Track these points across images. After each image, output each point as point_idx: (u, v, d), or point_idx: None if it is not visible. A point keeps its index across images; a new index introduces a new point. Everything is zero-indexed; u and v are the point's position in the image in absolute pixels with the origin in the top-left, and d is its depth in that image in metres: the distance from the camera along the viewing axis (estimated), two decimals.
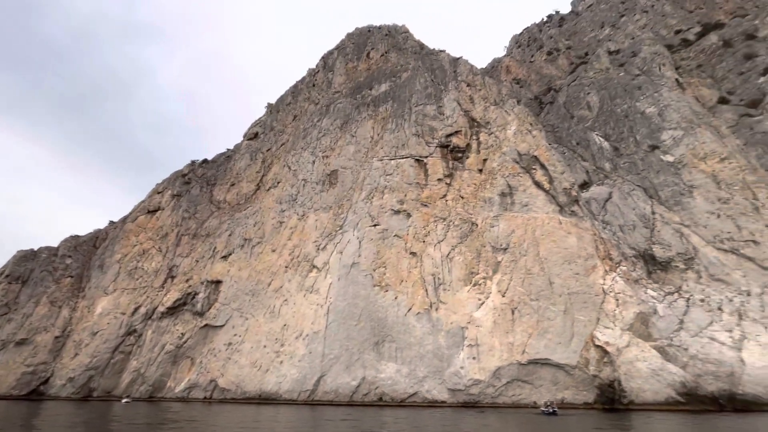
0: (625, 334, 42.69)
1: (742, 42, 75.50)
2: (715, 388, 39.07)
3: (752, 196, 50.52)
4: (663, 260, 50.58)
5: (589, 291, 46.93)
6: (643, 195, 56.86)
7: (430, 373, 49.24)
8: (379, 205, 66.31)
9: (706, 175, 54.14)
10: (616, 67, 79.28)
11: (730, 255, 47.88)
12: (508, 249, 53.86)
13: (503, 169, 61.77)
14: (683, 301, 46.02)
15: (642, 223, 54.13)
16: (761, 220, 48.71)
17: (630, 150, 63.21)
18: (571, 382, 43.12)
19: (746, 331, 41.93)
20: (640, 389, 39.06)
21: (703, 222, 51.15)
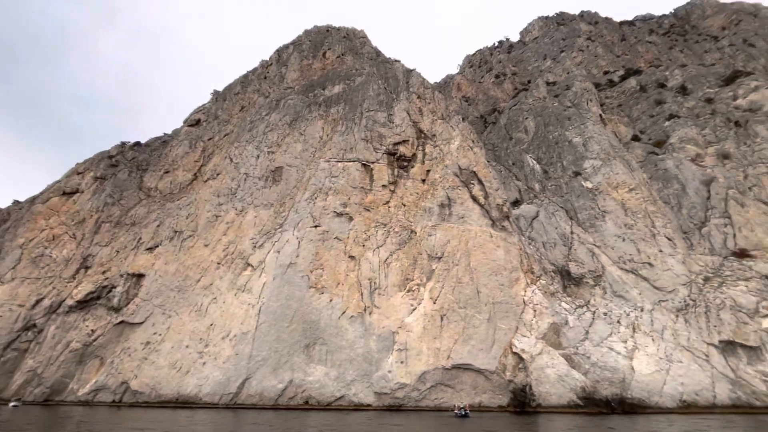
0: (539, 342, 46.42)
1: (655, 89, 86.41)
2: (609, 392, 43.76)
3: (651, 224, 57.73)
4: (576, 276, 55.89)
5: (512, 301, 50.43)
6: (564, 216, 62.47)
7: (359, 376, 49.58)
8: (322, 206, 65.82)
9: (616, 203, 60.91)
10: (551, 97, 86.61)
11: (630, 275, 54.23)
12: (443, 258, 56.16)
13: (444, 181, 64.44)
14: (590, 314, 51.15)
15: (562, 242, 59.41)
16: (656, 245, 55.81)
17: (557, 174, 69.21)
18: (489, 386, 45.87)
19: (638, 343, 47.63)
20: (547, 393, 42.62)
21: (611, 244, 57.44)
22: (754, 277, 50.97)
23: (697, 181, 63.25)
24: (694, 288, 50.88)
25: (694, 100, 78.85)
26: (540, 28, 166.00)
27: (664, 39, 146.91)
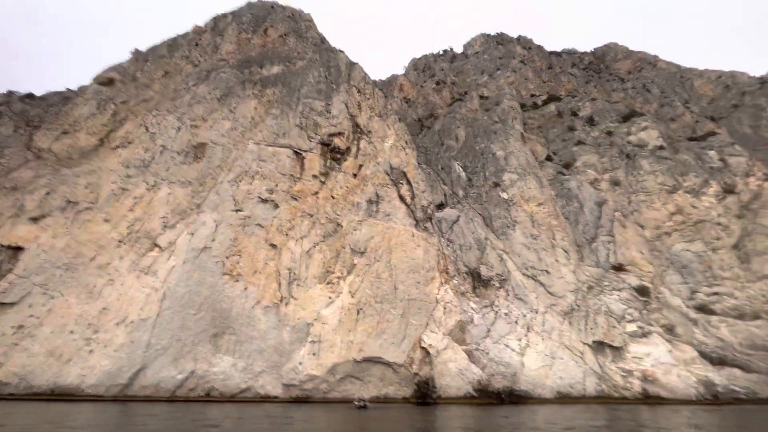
0: (446, 338, 49.50)
1: (569, 116, 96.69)
2: (501, 385, 48.27)
3: (552, 236, 64.66)
4: (486, 278, 60.55)
5: (425, 299, 53.02)
6: (481, 222, 67.22)
7: (268, 368, 48.39)
8: (247, 190, 62.75)
9: (526, 214, 67.13)
10: (483, 111, 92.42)
11: (530, 280, 60.25)
12: (365, 253, 57.00)
13: (375, 178, 65.35)
14: (493, 314, 55.81)
15: (476, 246, 63.88)
16: (555, 255, 62.69)
17: (480, 183, 74.16)
18: (396, 379, 47.79)
19: (530, 341, 53.15)
20: (447, 386, 45.69)
21: (518, 251, 63.22)
22: (625, 288, 59.89)
23: (593, 202, 72.29)
24: (580, 295, 58.26)
25: (598, 131, 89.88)
26: (481, 44, 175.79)
27: (583, 73, 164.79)
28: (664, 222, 71.53)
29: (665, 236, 70.24)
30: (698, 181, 75.31)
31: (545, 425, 24.19)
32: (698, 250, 67.28)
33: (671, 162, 79.11)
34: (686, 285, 64.21)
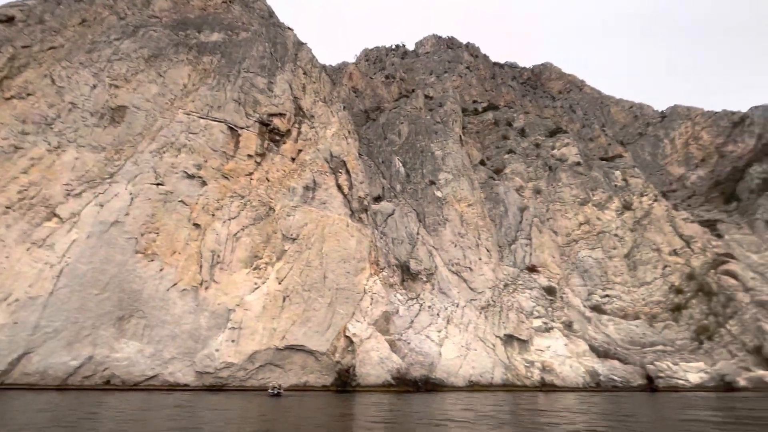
0: (370, 328, 50.52)
1: (504, 126, 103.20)
2: (419, 374, 50.59)
3: (478, 236, 68.90)
4: (414, 272, 62.77)
5: (354, 289, 53.51)
6: (415, 218, 69.37)
7: (180, 354, 45.47)
8: (171, 163, 57.81)
9: (457, 214, 70.66)
10: (426, 110, 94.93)
11: (455, 276, 63.74)
12: (297, 240, 55.83)
13: (314, 164, 64.05)
14: (418, 306, 58.14)
15: (408, 240, 65.86)
16: (478, 254, 66.90)
17: (417, 179, 76.33)
18: (318, 367, 47.78)
19: (449, 333, 56.33)
20: (367, 374, 46.76)
21: (446, 248, 66.42)
22: (536, 287, 66.02)
23: (516, 207, 78.30)
24: (497, 291, 63.03)
25: (528, 142, 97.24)
26: (432, 45, 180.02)
27: (521, 87, 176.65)
28: (574, 230, 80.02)
29: (573, 243, 78.63)
30: (604, 197, 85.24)
31: (460, 412, 25.96)
32: (598, 257, 76.39)
33: (585, 177, 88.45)
34: (585, 287, 72.70)
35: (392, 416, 23.04)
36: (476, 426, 17.99)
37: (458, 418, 21.23)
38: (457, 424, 18.88)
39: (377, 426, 18.69)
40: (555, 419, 20.93)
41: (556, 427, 17.51)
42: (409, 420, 20.43)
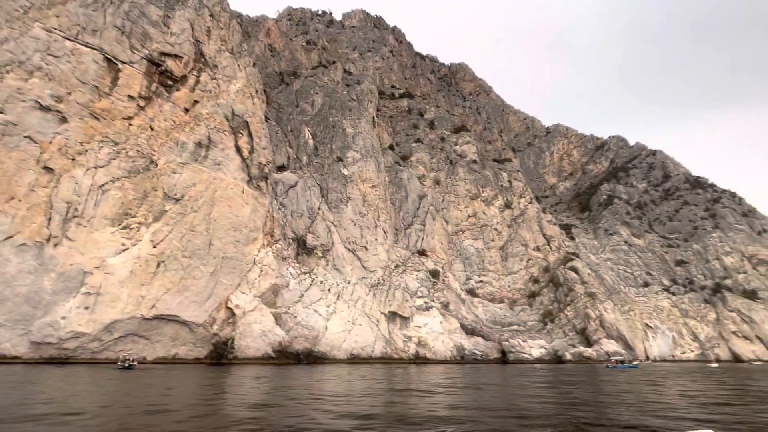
0: (256, 300, 48.71)
1: (416, 115, 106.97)
2: (302, 347, 50.86)
3: (378, 217, 71.05)
4: (311, 247, 62.11)
5: (242, 259, 50.72)
6: (318, 193, 68.25)
7: (12, 321, 37.82)
8: (17, 88, 46.35)
9: (360, 193, 71.58)
10: (344, 85, 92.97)
11: (350, 254, 64.98)
12: (181, 201, 50.30)
13: (211, 119, 57.88)
14: (309, 281, 57.90)
15: (308, 215, 64.65)
16: (376, 235, 69.11)
17: (325, 154, 74.87)
18: (191, 338, 44.49)
19: (337, 308, 57.52)
20: (247, 347, 45.23)
21: (345, 226, 67.07)
22: (423, 270, 71.23)
23: (416, 194, 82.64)
24: (387, 271, 66.31)
25: (435, 135, 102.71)
26: (360, 21, 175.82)
27: (438, 81, 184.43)
28: (462, 221, 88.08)
29: (460, 233, 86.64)
30: (491, 194, 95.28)
31: (341, 381, 26.63)
32: (479, 247, 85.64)
33: (479, 175, 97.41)
34: (465, 273, 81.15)
35: (274, 387, 22.65)
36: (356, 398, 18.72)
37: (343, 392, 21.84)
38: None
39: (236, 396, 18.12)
40: (435, 383, 23.05)
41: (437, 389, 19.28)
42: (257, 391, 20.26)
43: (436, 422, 11.11)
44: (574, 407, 14.78)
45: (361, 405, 14.64)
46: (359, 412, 12.84)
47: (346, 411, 12.96)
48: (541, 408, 14.75)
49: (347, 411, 12.96)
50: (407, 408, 14.27)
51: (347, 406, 14.43)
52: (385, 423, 10.86)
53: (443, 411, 13.77)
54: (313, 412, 12.64)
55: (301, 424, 10.53)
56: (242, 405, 14.94)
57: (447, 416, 12.41)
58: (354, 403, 15.45)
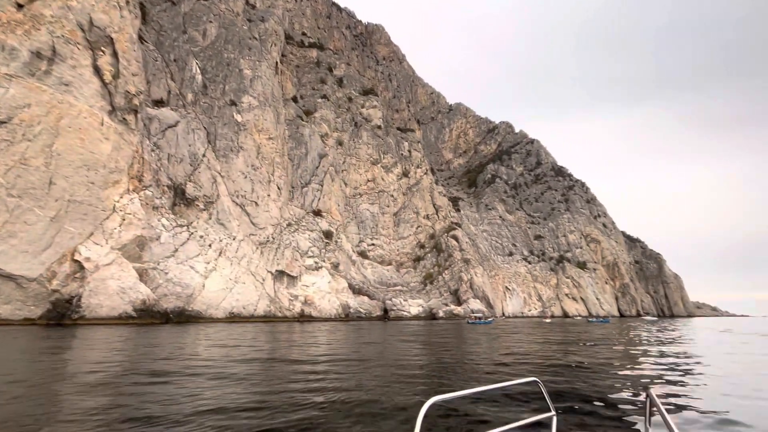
0: (113, 253, 42.03)
1: (325, 69, 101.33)
2: (173, 305, 46.31)
3: (272, 172, 66.83)
4: (190, 197, 55.59)
5: (97, 204, 42.77)
6: (204, 137, 60.63)
7: None
8: None
9: (254, 144, 65.95)
10: (245, 19, 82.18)
11: (238, 208, 60.31)
12: (9, 124, 39.33)
13: (59, 25, 45.48)
14: (186, 235, 52.20)
15: (190, 161, 57.25)
16: (268, 190, 65.18)
17: (216, 95, 66.25)
18: (20, 296, 36.61)
19: (218, 265, 53.46)
20: (98, 305, 39.18)
21: (234, 177, 61.55)
22: (316, 230, 70.40)
23: (317, 152, 79.81)
24: (278, 229, 63.72)
25: (343, 94, 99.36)
26: None
27: (353, 39, 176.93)
28: (361, 185, 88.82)
29: (358, 196, 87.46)
30: (391, 162, 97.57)
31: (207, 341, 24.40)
32: (375, 211, 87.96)
33: (381, 141, 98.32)
34: (358, 235, 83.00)
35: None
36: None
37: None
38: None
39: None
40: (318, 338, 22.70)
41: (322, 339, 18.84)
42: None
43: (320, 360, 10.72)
44: (431, 352, 16.07)
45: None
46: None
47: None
48: (410, 352, 15.68)
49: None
50: (301, 350, 13.65)
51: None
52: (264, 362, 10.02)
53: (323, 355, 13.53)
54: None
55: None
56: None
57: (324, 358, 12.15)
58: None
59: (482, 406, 6.82)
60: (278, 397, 7.57)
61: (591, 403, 7.13)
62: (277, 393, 8.04)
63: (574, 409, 6.65)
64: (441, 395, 1.62)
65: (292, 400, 7.36)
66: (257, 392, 8.11)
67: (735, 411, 6.53)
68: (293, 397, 7.65)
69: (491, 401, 7.23)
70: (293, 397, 7.58)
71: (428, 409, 1.67)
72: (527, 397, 7.44)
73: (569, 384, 9.05)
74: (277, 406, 6.80)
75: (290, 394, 7.88)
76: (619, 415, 6.29)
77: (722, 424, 5.85)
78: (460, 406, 6.75)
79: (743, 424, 5.80)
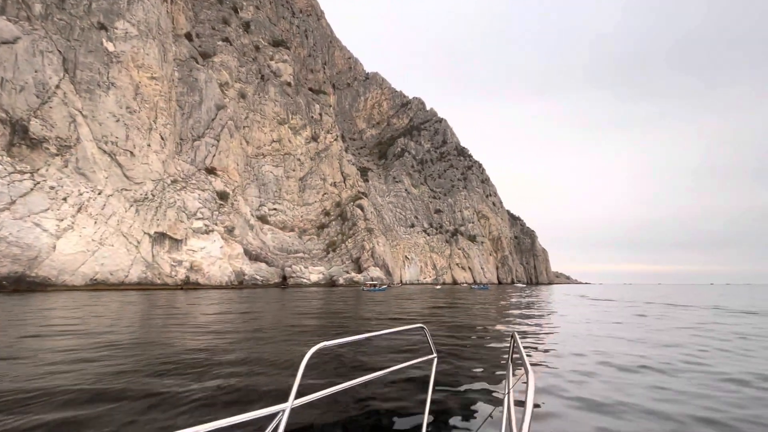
0: None
1: (229, 8, 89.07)
2: (8, 270, 37.49)
3: (155, 118, 57.31)
4: (37, 138, 44.54)
5: None
6: (58, 65, 48.49)
7: None
8: None
9: (131, 82, 55.29)
10: None
11: (107, 157, 50.60)
12: None
13: None
14: (31, 183, 42.09)
15: (36, 90, 45.45)
16: (148, 139, 55.93)
17: (77, 12, 52.99)
18: None
19: (77, 223, 44.62)
20: None
21: (102, 120, 51.11)
22: (209, 190, 63.48)
23: (214, 102, 70.82)
24: (160, 186, 55.56)
25: (249, 40, 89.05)
26: None
27: None
28: (265, 145, 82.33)
29: (261, 156, 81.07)
30: (300, 123, 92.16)
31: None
32: (279, 174, 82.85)
33: (290, 100, 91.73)
34: (259, 198, 77.58)
35: None
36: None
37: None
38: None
39: None
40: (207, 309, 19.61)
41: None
42: None
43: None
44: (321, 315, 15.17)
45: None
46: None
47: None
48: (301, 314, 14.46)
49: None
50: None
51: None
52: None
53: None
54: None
55: None
56: None
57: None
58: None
59: (372, 354, 7.11)
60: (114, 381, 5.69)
61: (467, 347, 8.08)
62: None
63: (453, 353, 7.38)
64: (328, 341, 1.55)
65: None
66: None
67: (574, 347, 8.56)
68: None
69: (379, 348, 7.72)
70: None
71: (315, 356, 1.39)
72: (415, 345, 8.12)
73: (451, 332, 10.42)
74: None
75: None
76: (490, 356, 7.21)
77: (560, 354, 7.61)
78: (352, 354, 6.97)
79: (581, 355, 7.60)
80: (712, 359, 7.42)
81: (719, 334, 11.10)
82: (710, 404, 4.67)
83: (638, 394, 4.97)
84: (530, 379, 1.08)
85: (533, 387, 1.01)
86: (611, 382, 5.56)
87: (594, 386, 5.29)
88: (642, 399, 4.76)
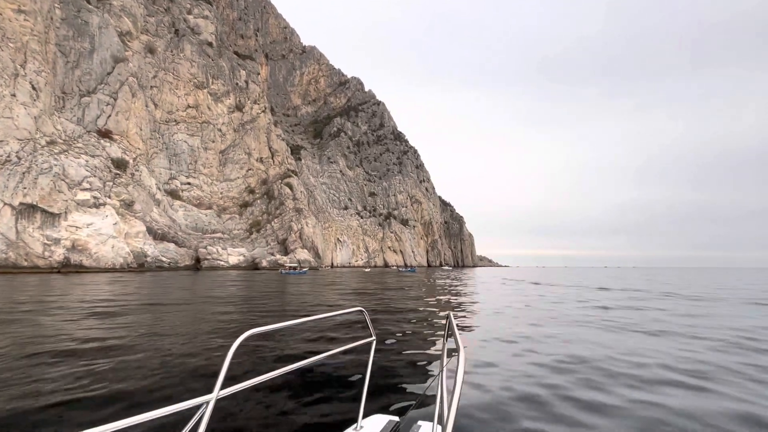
0: None
1: None
2: None
3: (23, 61, 46.31)
4: None
5: None
6: None
7: None
8: None
9: None
10: None
11: None
12: None
13: None
14: None
15: None
16: (14, 88, 45.08)
17: None
18: None
19: None
20: None
21: None
22: (101, 156, 53.74)
23: (110, 53, 59.78)
24: (30, 146, 45.29)
25: None
26: None
27: None
28: (178, 110, 72.44)
29: (173, 123, 71.23)
30: (223, 90, 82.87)
31: None
32: (194, 145, 73.75)
33: (211, 62, 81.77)
34: (169, 171, 68.33)
35: None
36: None
37: None
38: None
39: None
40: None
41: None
42: None
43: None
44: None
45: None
46: None
47: None
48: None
49: None
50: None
51: None
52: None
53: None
54: None
55: None
56: None
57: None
58: None
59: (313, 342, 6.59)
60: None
61: (404, 330, 7.86)
62: None
63: (391, 334, 7.31)
64: (258, 328, 1.46)
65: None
66: None
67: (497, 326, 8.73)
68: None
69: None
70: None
71: (245, 343, 1.48)
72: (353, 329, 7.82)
73: (388, 315, 10.16)
74: None
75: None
76: (427, 336, 7.22)
77: (489, 332, 7.84)
78: (285, 341, 6.47)
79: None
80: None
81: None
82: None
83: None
84: (461, 356, 1.17)
85: (464, 363, 1.11)
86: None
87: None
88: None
